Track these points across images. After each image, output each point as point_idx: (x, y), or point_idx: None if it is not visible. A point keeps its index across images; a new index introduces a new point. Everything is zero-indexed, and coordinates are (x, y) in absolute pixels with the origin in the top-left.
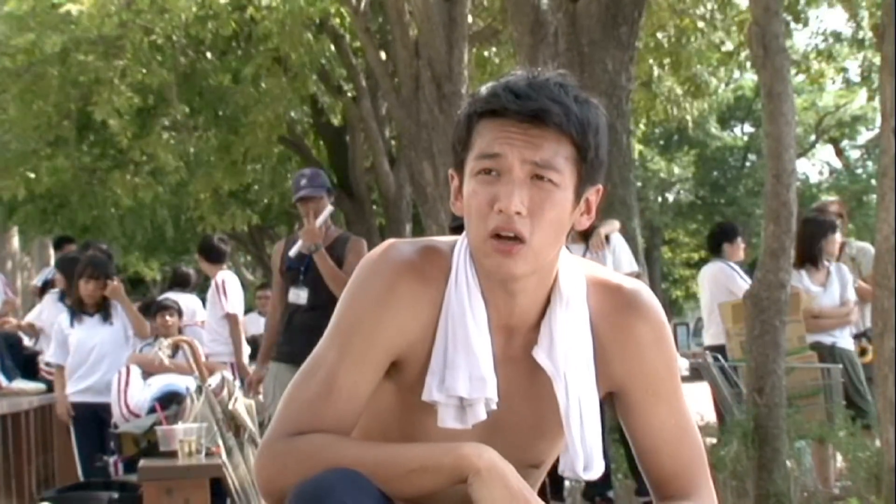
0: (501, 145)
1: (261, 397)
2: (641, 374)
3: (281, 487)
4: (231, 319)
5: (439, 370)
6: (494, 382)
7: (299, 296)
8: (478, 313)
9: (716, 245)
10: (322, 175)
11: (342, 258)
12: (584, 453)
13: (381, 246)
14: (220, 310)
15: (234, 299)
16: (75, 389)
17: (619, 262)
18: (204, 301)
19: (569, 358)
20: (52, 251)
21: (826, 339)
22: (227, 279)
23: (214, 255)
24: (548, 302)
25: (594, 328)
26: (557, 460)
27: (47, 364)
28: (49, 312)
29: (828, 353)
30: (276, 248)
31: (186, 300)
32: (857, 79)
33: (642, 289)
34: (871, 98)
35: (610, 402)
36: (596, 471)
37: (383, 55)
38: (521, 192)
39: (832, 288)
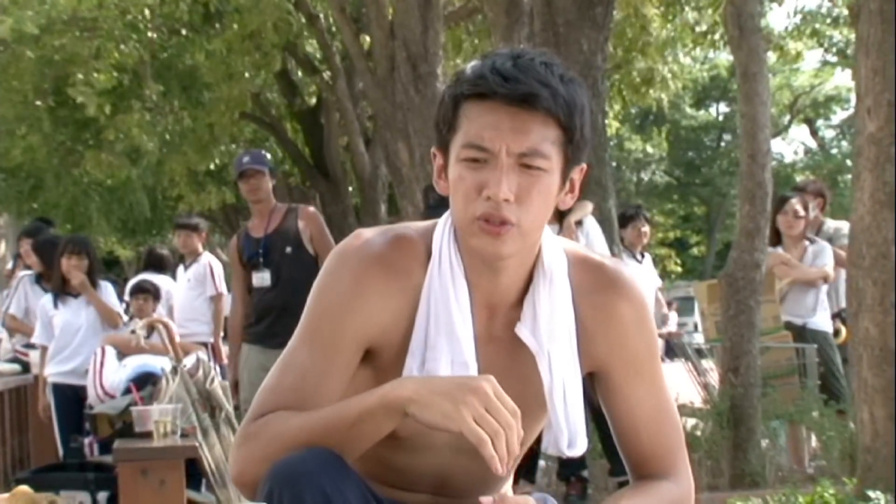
0: (490, 134)
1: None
2: (623, 353)
3: (251, 473)
4: (219, 299)
5: (420, 352)
6: (476, 368)
7: (263, 279)
8: (461, 295)
9: None
10: (265, 156)
11: (297, 231)
12: (567, 430)
13: (350, 238)
14: (211, 289)
15: (221, 280)
16: (59, 371)
17: (591, 245)
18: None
19: (552, 335)
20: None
21: (797, 320)
22: (212, 262)
23: (197, 226)
24: (531, 279)
25: (576, 306)
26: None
27: (25, 346)
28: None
29: (798, 334)
30: (231, 244)
31: (162, 282)
32: (833, 58)
33: (624, 268)
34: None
35: (589, 381)
36: (580, 448)
37: (364, 38)
38: (510, 180)
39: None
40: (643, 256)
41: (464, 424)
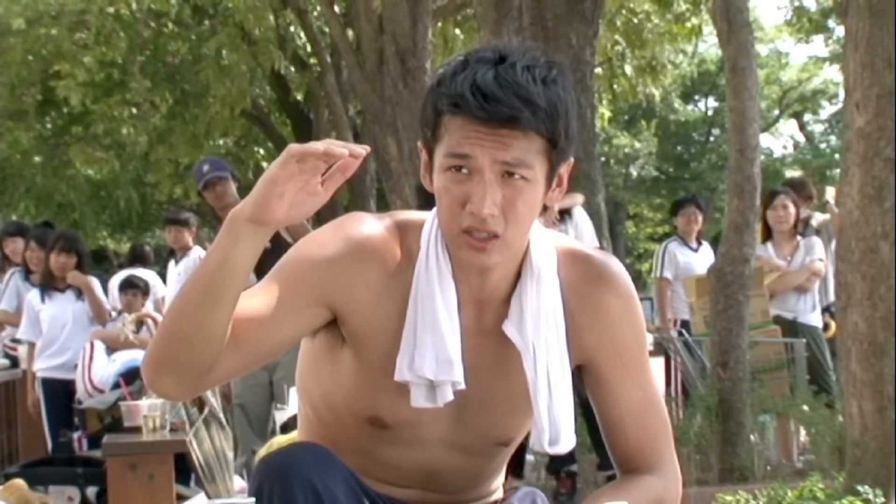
0: (471, 146)
1: None
2: (611, 346)
3: (148, 360)
4: None
5: (409, 350)
6: (461, 365)
7: (249, 280)
8: (447, 292)
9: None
10: (224, 162)
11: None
12: (550, 428)
13: (348, 215)
14: None
15: None
16: (48, 365)
17: (581, 236)
18: (163, 276)
19: (539, 331)
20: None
21: (787, 315)
22: (202, 256)
23: (187, 221)
24: (519, 275)
25: (565, 300)
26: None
27: (13, 340)
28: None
29: (788, 328)
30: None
31: (148, 277)
32: (822, 53)
33: (612, 260)
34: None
35: (577, 375)
36: (564, 445)
37: (350, 32)
38: (493, 193)
39: (797, 262)
40: (700, 244)
41: (286, 155)
